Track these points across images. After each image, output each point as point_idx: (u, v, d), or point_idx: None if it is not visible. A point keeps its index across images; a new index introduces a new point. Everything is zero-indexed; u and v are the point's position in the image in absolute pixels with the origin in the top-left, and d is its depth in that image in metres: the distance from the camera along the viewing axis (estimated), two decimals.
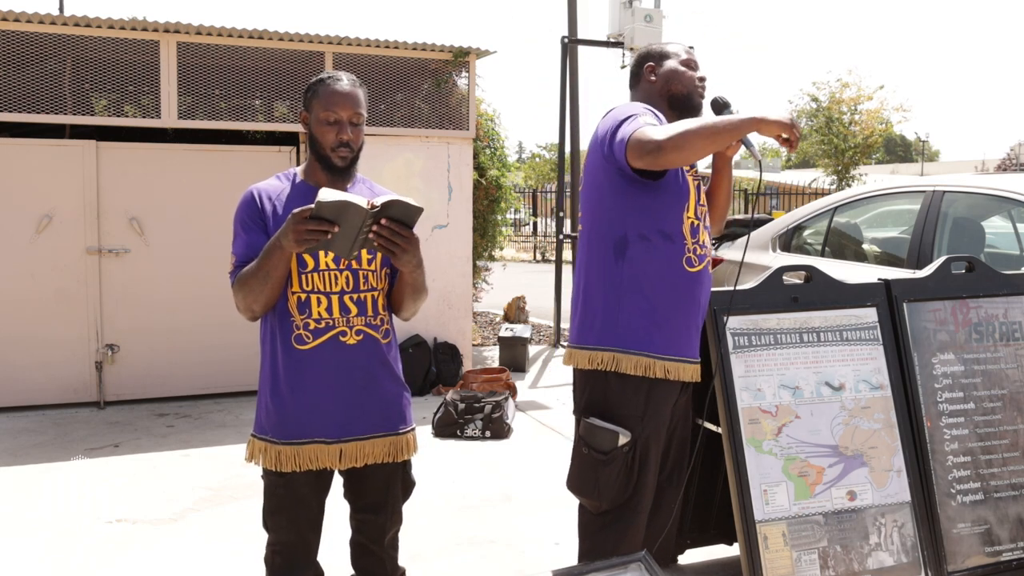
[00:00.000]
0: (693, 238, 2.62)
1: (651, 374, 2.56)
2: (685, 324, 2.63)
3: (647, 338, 2.57)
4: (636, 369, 2.56)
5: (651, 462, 2.62)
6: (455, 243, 6.84)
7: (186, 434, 5.47)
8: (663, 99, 2.73)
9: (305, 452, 2.31)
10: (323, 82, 2.32)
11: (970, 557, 3.02)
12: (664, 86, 2.73)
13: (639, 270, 2.58)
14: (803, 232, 5.71)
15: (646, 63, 2.77)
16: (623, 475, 2.57)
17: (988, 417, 3.15)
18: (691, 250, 2.61)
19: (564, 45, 8.93)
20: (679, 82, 2.71)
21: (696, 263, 2.63)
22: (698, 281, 2.64)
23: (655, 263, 2.58)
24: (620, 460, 2.55)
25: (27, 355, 5.94)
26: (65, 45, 5.83)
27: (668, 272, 2.58)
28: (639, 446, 2.57)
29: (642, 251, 2.57)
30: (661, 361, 2.58)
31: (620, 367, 2.57)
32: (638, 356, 2.56)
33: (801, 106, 21.77)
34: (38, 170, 5.92)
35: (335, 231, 2.04)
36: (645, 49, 2.82)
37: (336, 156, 2.31)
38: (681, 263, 2.59)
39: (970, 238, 4.83)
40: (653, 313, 2.58)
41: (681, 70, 2.73)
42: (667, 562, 3.32)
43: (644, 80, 2.77)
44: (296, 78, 6.47)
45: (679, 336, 2.62)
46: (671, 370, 2.59)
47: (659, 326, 2.58)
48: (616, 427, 2.56)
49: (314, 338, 2.29)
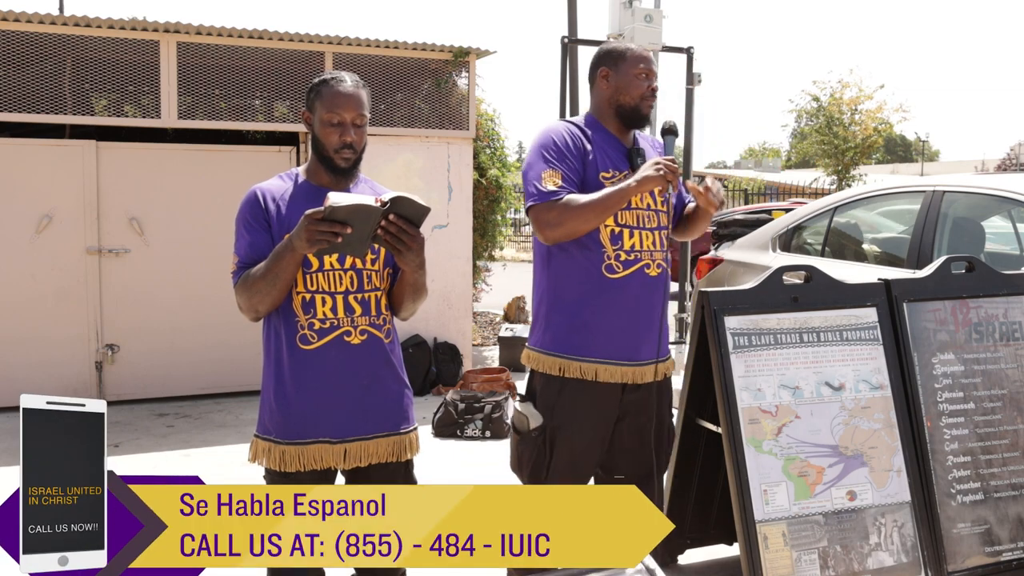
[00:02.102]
0: (615, 245, 2.69)
1: (566, 374, 2.72)
2: (611, 329, 2.70)
3: (566, 342, 2.73)
4: (552, 369, 2.73)
5: (561, 448, 2.73)
6: (455, 243, 6.84)
7: (186, 434, 5.47)
8: (612, 107, 2.77)
9: (309, 452, 2.31)
10: (326, 83, 2.32)
11: (970, 557, 3.03)
12: (614, 95, 2.76)
13: (560, 278, 2.75)
14: (803, 232, 5.71)
15: (601, 67, 2.80)
16: (537, 456, 2.75)
17: (988, 417, 3.15)
18: (611, 257, 2.69)
19: (564, 45, 8.92)
20: (629, 94, 2.75)
21: (619, 269, 2.69)
22: (623, 287, 2.70)
23: (574, 272, 2.72)
24: (532, 442, 2.74)
25: (27, 355, 5.94)
26: (65, 45, 5.83)
27: (586, 280, 2.70)
28: (547, 432, 2.74)
29: (562, 261, 2.73)
30: (577, 363, 2.71)
31: (540, 366, 2.76)
32: (554, 357, 2.73)
33: (802, 106, 21.77)
34: (38, 170, 5.92)
35: (348, 232, 2.05)
36: (604, 49, 2.84)
37: (339, 158, 2.31)
38: (600, 271, 2.69)
39: (970, 238, 4.83)
40: (573, 318, 2.72)
41: (634, 83, 2.74)
42: (667, 562, 3.33)
43: (598, 84, 2.81)
44: (296, 78, 6.47)
45: (603, 340, 2.70)
46: (588, 372, 2.70)
47: (578, 330, 2.71)
48: (533, 412, 2.76)
49: (319, 338, 2.29)
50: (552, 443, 2.73)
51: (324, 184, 2.32)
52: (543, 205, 2.62)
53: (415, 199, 2.10)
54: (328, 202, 2.04)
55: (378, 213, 2.06)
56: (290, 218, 2.26)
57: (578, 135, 2.73)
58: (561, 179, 2.64)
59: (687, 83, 9.21)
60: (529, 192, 2.68)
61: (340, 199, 2.04)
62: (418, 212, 2.11)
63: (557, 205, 2.61)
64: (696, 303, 2.99)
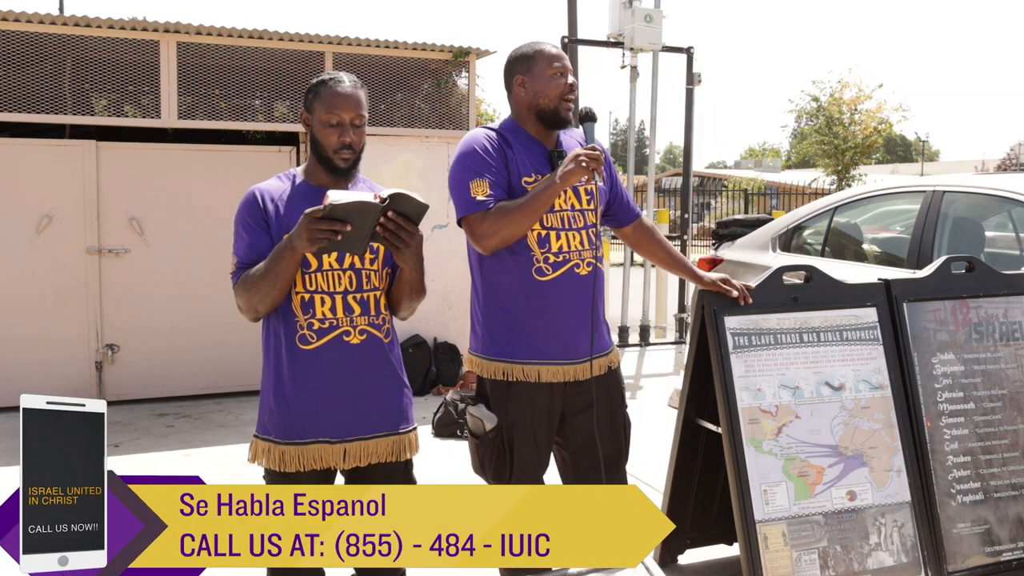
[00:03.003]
0: (542, 248, 2.69)
1: (510, 377, 2.73)
2: (547, 330, 2.72)
3: (505, 345, 2.74)
4: (496, 373, 2.75)
5: (520, 445, 2.74)
6: (455, 243, 6.84)
7: (186, 434, 5.47)
8: (532, 112, 2.75)
9: (309, 452, 2.31)
10: (325, 83, 2.32)
11: (970, 557, 3.02)
12: (532, 100, 2.74)
13: (492, 283, 2.76)
14: (803, 232, 5.71)
15: (515, 75, 2.77)
16: (498, 456, 2.76)
17: (988, 417, 3.15)
18: (540, 260, 2.70)
19: (564, 45, 8.93)
20: (546, 96, 2.72)
21: (548, 272, 2.70)
22: (554, 288, 2.70)
23: (505, 276, 2.73)
24: (490, 444, 2.75)
25: (27, 355, 5.94)
26: (65, 45, 5.83)
27: (517, 284, 2.71)
28: (504, 431, 2.74)
29: (493, 266, 2.75)
30: (519, 365, 2.73)
31: (484, 371, 2.78)
32: (496, 362, 2.75)
33: (801, 106, 21.77)
34: (38, 170, 5.92)
35: (347, 230, 2.05)
36: (513, 55, 2.81)
37: (339, 158, 2.31)
38: (530, 274, 2.70)
39: (970, 238, 4.84)
40: (510, 322, 2.74)
41: (550, 84, 2.72)
42: (667, 562, 3.33)
43: (515, 92, 2.78)
44: (296, 78, 6.47)
45: (541, 341, 2.72)
46: (530, 373, 2.72)
47: (515, 332, 2.73)
48: (486, 413, 2.76)
49: (318, 338, 2.29)
50: (511, 441, 2.75)
51: (322, 184, 2.32)
52: (475, 216, 2.62)
53: (414, 196, 2.10)
54: (328, 200, 2.04)
55: (377, 210, 2.07)
56: (288, 218, 2.26)
57: (498, 141, 2.72)
58: (489, 187, 2.64)
59: (687, 83, 9.22)
60: (459, 204, 2.68)
61: (340, 197, 2.04)
62: (417, 209, 2.12)
63: (490, 215, 2.61)
64: (696, 303, 2.98)
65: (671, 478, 3.28)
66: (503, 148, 2.71)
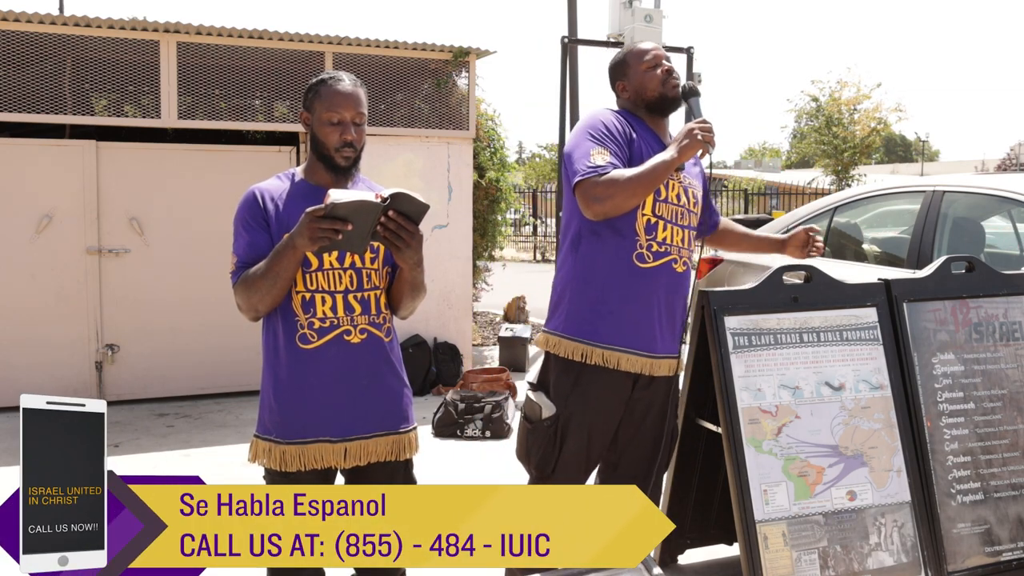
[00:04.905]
0: (648, 235, 2.70)
1: (587, 360, 2.69)
2: (635, 318, 2.70)
3: (589, 327, 2.71)
4: (573, 354, 2.71)
5: (572, 440, 2.72)
6: (455, 243, 6.84)
7: (186, 434, 5.47)
8: (641, 108, 2.82)
9: (310, 451, 2.31)
10: (325, 82, 2.32)
11: (970, 557, 3.03)
12: (638, 97, 2.81)
13: (589, 262, 2.73)
14: None
15: (616, 82, 2.88)
16: (547, 446, 2.73)
17: (988, 417, 3.15)
18: (643, 246, 2.69)
19: (564, 45, 8.94)
20: (648, 90, 2.80)
21: (649, 259, 2.70)
22: (651, 277, 2.70)
23: (604, 257, 2.70)
24: (543, 431, 2.73)
25: (27, 355, 5.94)
26: (65, 45, 5.83)
27: (616, 266, 2.70)
28: (560, 421, 2.72)
29: (592, 245, 2.72)
30: (599, 349, 2.69)
31: (559, 350, 2.73)
32: (575, 342, 2.71)
33: (801, 106, 21.76)
34: (38, 170, 5.92)
35: (348, 230, 2.05)
36: (611, 64, 2.90)
37: (340, 156, 2.31)
38: (631, 258, 2.69)
39: (970, 238, 4.84)
40: (598, 304, 2.71)
41: (647, 78, 2.80)
42: (667, 562, 3.33)
43: (621, 97, 2.88)
44: (296, 78, 6.47)
45: (626, 328, 2.70)
46: (609, 359, 2.69)
47: (603, 316, 2.70)
48: (545, 401, 2.74)
49: (319, 337, 2.29)
50: (564, 434, 2.73)
51: (322, 183, 2.33)
52: (591, 179, 2.60)
53: (415, 195, 2.11)
54: (329, 199, 2.04)
55: (378, 209, 2.07)
56: (288, 218, 2.26)
57: (624, 122, 2.76)
58: (610, 155, 2.65)
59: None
60: (576, 169, 2.65)
61: (341, 196, 2.05)
62: (417, 208, 2.12)
63: (604, 178, 2.59)
64: (696, 303, 2.98)
65: (671, 478, 3.28)
66: (628, 128, 2.75)
